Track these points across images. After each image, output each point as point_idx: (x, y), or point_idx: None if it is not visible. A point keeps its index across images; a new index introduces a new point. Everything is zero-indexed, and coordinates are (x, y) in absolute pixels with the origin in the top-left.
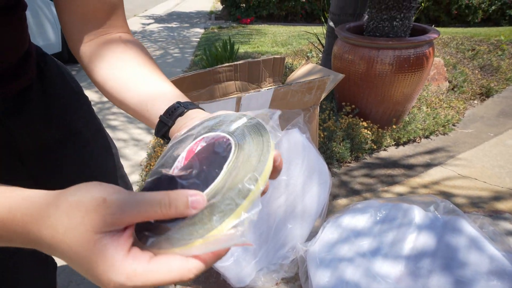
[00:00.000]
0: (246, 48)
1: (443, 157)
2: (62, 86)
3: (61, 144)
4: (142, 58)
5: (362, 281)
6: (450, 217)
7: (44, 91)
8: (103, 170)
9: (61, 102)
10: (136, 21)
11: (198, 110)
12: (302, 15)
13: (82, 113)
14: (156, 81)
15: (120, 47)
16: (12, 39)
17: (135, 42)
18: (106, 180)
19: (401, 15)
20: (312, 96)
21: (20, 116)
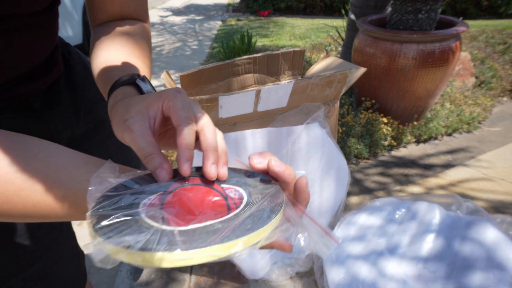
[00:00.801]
0: (263, 41)
1: (466, 156)
2: (85, 77)
3: (87, 136)
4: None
5: (378, 280)
6: (473, 217)
7: (70, 83)
8: (124, 159)
9: (86, 94)
10: (154, 13)
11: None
12: (321, 8)
13: (105, 103)
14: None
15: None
16: (48, 34)
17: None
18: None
19: (427, 7)
20: (332, 90)
21: (53, 108)
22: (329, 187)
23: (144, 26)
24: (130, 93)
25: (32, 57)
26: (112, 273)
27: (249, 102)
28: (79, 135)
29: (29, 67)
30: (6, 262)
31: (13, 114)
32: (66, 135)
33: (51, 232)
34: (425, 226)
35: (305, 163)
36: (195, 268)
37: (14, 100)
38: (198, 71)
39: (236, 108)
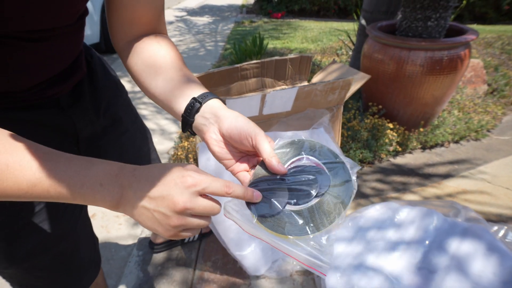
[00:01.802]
0: (275, 43)
1: (470, 165)
2: (105, 77)
3: (105, 131)
4: (170, 57)
5: (373, 280)
6: (470, 224)
7: (92, 84)
8: (140, 153)
9: (106, 94)
10: (170, 13)
11: (211, 104)
12: (335, 10)
13: (122, 101)
14: (178, 78)
15: (154, 48)
16: (76, 42)
17: (167, 42)
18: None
19: (437, 15)
20: (336, 96)
21: (77, 107)
22: None
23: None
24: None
25: (61, 62)
26: (121, 264)
27: (255, 105)
28: (98, 130)
29: (59, 70)
30: (36, 242)
31: (44, 111)
32: (88, 131)
33: (71, 218)
34: (423, 231)
35: None
36: (199, 262)
37: (45, 100)
38: (208, 74)
39: (242, 111)
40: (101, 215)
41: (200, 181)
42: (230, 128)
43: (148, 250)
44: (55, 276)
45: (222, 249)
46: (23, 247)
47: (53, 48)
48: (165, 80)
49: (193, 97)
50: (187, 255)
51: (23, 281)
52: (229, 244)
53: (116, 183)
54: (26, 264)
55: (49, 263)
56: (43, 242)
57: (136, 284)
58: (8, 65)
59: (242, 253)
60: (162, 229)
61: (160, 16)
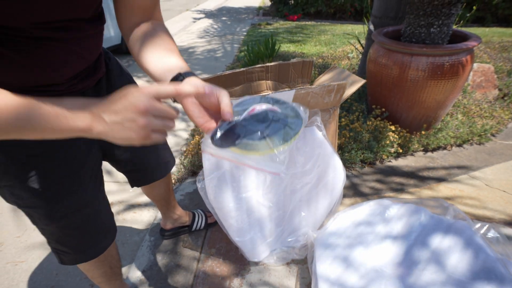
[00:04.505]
0: (289, 46)
1: (472, 167)
2: (120, 77)
3: None
4: (163, 41)
5: (360, 268)
6: (454, 220)
7: (109, 82)
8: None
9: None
10: (188, 15)
11: (191, 78)
12: (351, 13)
13: None
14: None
15: (149, 31)
16: (97, 43)
17: (162, 28)
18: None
19: (439, 22)
20: (331, 99)
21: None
22: (325, 184)
23: (163, 25)
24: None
25: (87, 59)
26: (135, 248)
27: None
28: None
29: (85, 66)
30: (70, 204)
31: None
32: None
33: (94, 187)
34: (410, 226)
35: (303, 162)
36: (205, 248)
37: (76, 94)
38: (217, 77)
39: None
40: (117, 205)
41: (153, 86)
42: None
43: (159, 236)
44: (83, 235)
45: (225, 237)
46: (61, 208)
47: (79, 47)
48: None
49: (179, 72)
50: (194, 241)
51: (59, 238)
52: (229, 230)
53: (86, 110)
54: (62, 223)
55: (79, 223)
56: (75, 205)
57: (147, 266)
58: (51, 61)
59: (241, 239)
60: (134, 133)
61: (156, 5)
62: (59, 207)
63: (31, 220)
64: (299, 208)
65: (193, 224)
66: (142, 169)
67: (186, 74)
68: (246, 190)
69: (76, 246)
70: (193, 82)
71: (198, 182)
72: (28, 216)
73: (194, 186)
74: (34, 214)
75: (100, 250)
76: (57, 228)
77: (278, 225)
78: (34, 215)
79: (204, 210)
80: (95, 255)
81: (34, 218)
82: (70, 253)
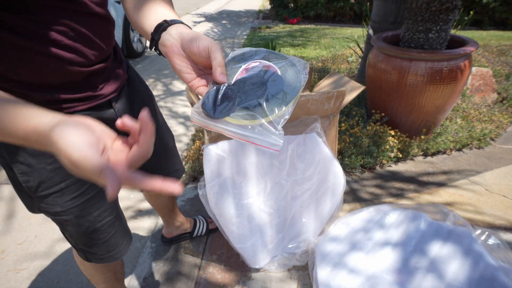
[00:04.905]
0: (289, 49)
1: (472, 171)
2: (139, 84)
3: None
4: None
5: (361, 275)
6: (454, 227)
7: (130, 88)
8: (167, 148)
9: (140, 95)
10: (189, 18)
11: (178, 25)
12: (350, 16)
13: (153, 102)
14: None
15: None
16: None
17: None
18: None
19: (437, 28)
20: (331, 105)
21: (121, 105)
22: (326, 190)
23: None
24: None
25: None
26: (136, 254)
27: None
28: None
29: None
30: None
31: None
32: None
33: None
34: (410, 232)
35: (303, 168)
36: (206, 255)
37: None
38: None
39: None
40: None
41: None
42: (190, 42)
43: (161, 243)
44: (109, 239)
45: (227, 244)
46: (90, 217)
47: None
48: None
49: (165, 19)
50: (195, 248)
51: (87, 243)
52: (230, 236)
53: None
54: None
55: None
56: (103, 213)
57: (148, 272)
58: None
59: (243, 246)
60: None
61: None
62: (88, 217)
63: (60, 228)
64: (299, 215)
65: (195, 231)
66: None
67: (172, 22)
68: (247, 197)
69: (103, 249)
70: (179, 31)
71: (199, 189)
72: (57, 224)
73: (195, 191)
74: (65, 222)
75: (123, 252)
76: (85, 235)
77: (279, 231)
78: (64, 224)
79: (205, 216)
80: (119, 256)
81: (63, 226)
82: (96, 254)
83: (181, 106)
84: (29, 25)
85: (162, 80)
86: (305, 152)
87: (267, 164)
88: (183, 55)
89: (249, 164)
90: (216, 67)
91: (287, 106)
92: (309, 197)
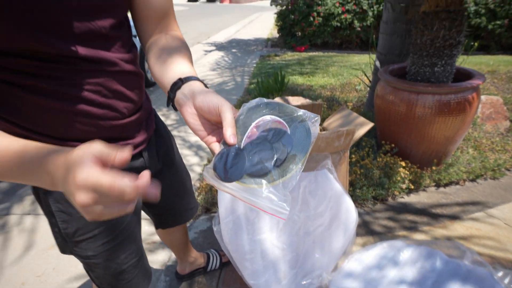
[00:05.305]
0: (297, 77)
1: (488, 203)
2: (163, 128)
3: (161, 171)
4: (173, 48)
5: None
6: (474, 266)
7: (156, 134)
8: (184, 188)
9: (165, 141)
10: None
11: (192, 83)
12: (357, 43)
13: (175, 148)
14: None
15: (162, 41)
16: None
17: (174, 36)
18: (187, 196)
19: (442, 62)
20: (341, 142)
21: (149, 152)
22: (338, 225)
23: (181, 37)
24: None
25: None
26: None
27: None
28: (157, 171)
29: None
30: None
31: (133, 159)
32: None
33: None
34: (426, 271)
35: (315, 204)
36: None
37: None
38: None
39: None
40: None
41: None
42: (202, 101)
43: (174, 277)
44: (133, 279)
45: (240, 278)
46: (117, 260)
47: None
48: (163, 64)
49: (179, 77)
50: (208, 282)
51: (112, 283)
52: (244, 272)
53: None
54: (117, 271)
55: (131, 269)
56: (130, 255)
57: None
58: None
59: (256, 282)
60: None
61: (168, 15)
62: (116, 260)
63: (87, 269)
64: (312, 250)
65: (208, 265)
66: (171, 214)
67: (186, 79)
68: (260, 232)
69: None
70: (191, 89)
71: (214, 226)
72: (85, 266)
73: (208, 223)
74: (94, 265)
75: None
76: (111, 276)
77: (292, 267)
78: (93, 266)
79: (217, 249)
80: None
81: (92, 268)
82: None
83: (194, 136)
84: (64, 88)
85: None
86: (316, 189)
87: None
88: (195, 114)
89: None
90: (226, 128)
91: (295, 169)
92: (321, 233)
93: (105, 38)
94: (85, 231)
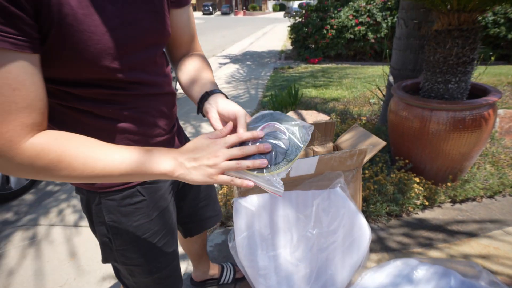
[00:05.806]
0: (311, 90)
1: (506, 221)
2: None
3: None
4: (199, 67)
5: None
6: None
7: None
8: (210, 197)
9: None
10: (215, 60)
11: (216, 95)
12: (371, 55)
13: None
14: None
15: (188, 62)
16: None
17: (198, 57)
18: (212, 205)
19: (456, 79)
20: (353, 161)
21: None
22: (352, 242)
23: (203, 55)
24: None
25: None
26: None
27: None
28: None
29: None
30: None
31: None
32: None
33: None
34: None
35: (328, 221)
36: None
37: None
38: None
39: None
40: None
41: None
42: (223, 108)
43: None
44: (170, 282)
45: None
46: (157, 264)
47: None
48: (192, 81)
49: (206, 91)
50: None
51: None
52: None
53: (170, 157)
54: (157, 275)
55: (169, 274)
56: (169, 259)
57: None
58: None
59: None
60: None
61: (194, 38)
62: (156, 264)
63: (129, 274)
64: (326, 267)
65: (222, 277)
66: (198, 221)
67: (211, 92)
68: (274, 248)
69: None
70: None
71: (229, 241)
72: (128, 271)
73: (223, 237)
74: (136, 269)
75: None
76: (152, 281)
77: (306, 283)
78: (135, 271)
79: (233, 263)
80: None
81: (133, 273)
82: None
83: None
84: (126, 112)
85: (192, 122)
86: (330, 207)
87: (293, 218)
88: (218, 118)
89: (276, 217)
90: (239, 129)
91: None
92: (335, 250)
93: (156, 64)
94: (133, 238)
